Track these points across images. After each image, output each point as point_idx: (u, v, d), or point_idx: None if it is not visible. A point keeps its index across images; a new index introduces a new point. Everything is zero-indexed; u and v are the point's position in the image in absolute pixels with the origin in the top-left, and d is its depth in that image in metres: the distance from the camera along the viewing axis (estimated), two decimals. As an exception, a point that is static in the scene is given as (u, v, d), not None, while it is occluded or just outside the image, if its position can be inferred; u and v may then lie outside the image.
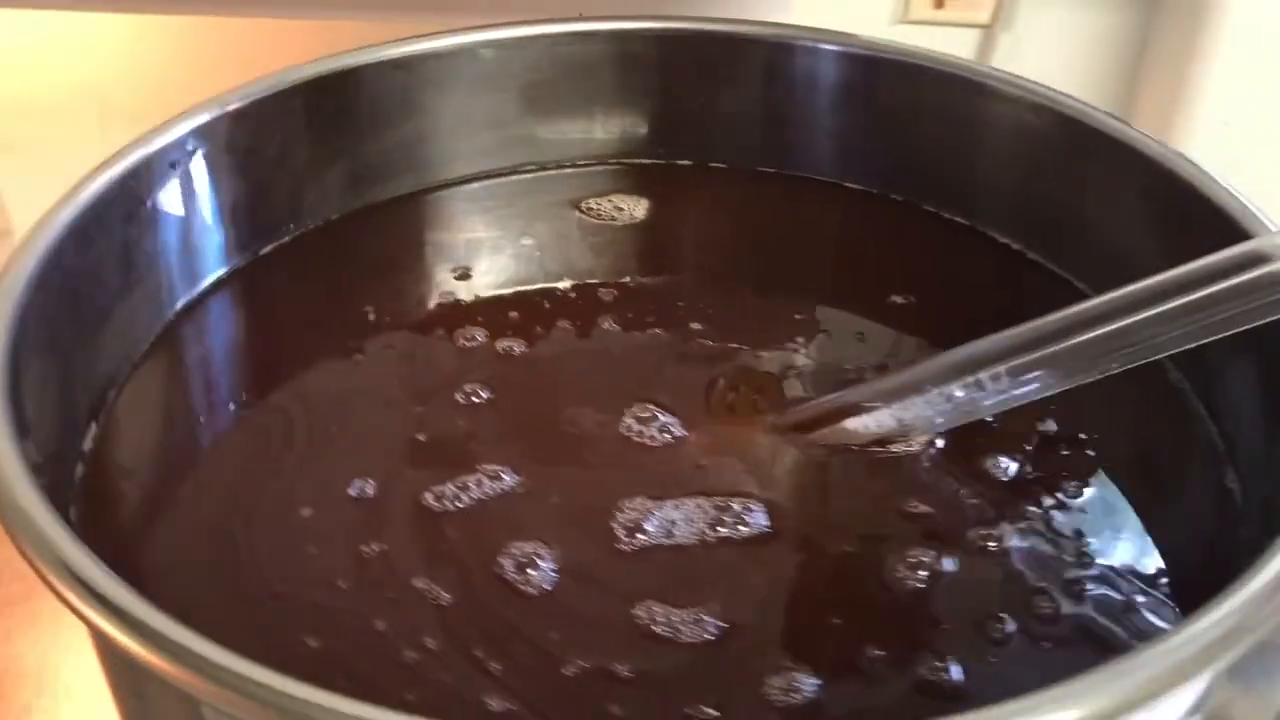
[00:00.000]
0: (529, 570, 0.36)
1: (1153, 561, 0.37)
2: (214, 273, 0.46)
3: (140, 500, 0.39)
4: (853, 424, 0.40)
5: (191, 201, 0.44)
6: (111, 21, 0.75)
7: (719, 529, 0.37)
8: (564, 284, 0.47)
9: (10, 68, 0.78)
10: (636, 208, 0.51)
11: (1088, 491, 0.39)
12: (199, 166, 0.44)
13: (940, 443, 0.40)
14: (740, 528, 0.37)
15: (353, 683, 0.33)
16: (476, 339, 0.44)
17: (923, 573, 0.36)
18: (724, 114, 0.53)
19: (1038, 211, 0.48)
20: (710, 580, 0.36)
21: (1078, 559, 0.37)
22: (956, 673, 0.33)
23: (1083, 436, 0.41)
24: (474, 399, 0.41)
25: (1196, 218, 0.42)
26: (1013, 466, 0.40)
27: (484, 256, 0.49)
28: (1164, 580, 0.37)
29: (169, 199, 0.43)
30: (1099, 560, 0.37)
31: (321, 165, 0.49)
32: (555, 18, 0.51)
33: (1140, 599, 0.36)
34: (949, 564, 0.36)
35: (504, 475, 0.39)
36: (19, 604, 0.57)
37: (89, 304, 0.40)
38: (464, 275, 0.48)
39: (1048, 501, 0.39)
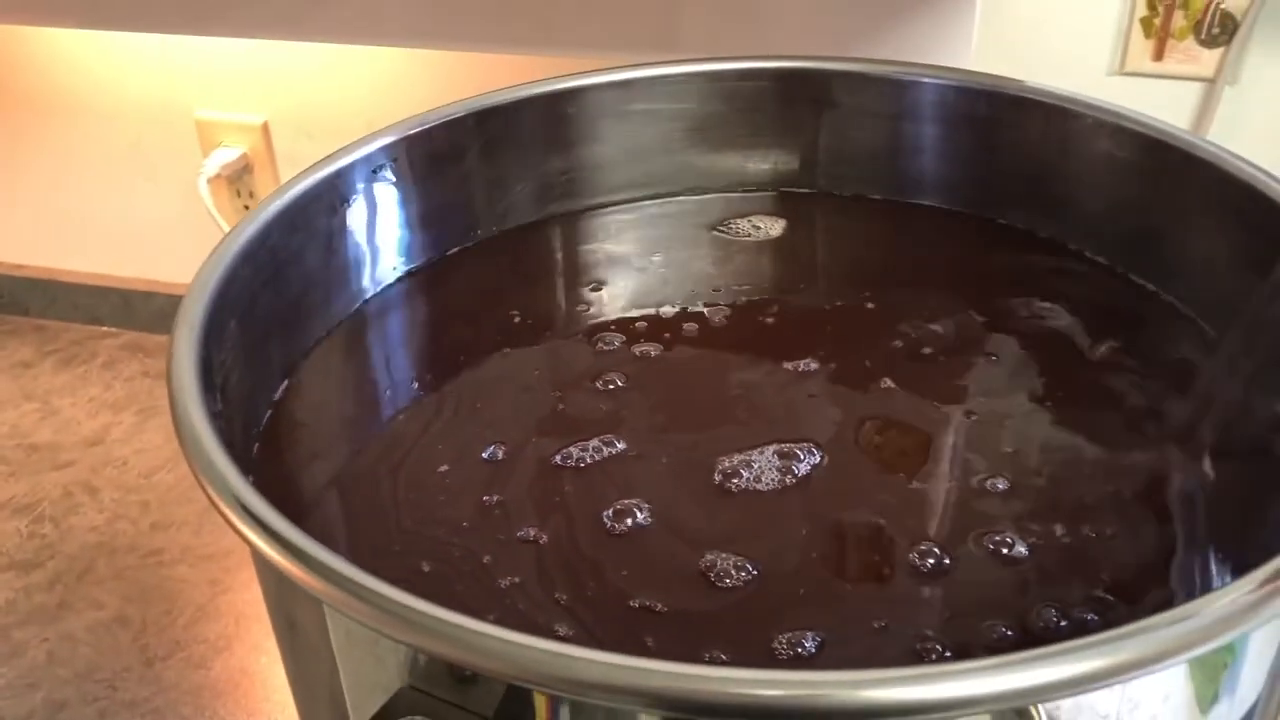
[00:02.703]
0: (626, 519, 0.41)
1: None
2: (399, 269, 0.54)
3: (310, 443, 0.46)
4: None
5: (387, 205, 0.52)
6: (379, 53, 0.86)
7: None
8: (683, 296, 0.53)
9: (292, 92, 0.90)
10: (773, 227, 0.56)
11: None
12: (394, 176, 0.52)
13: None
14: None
15: (446, 600, 0.39)
16: (613, 344, 0.50)
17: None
18: (874, 148, 0.57)
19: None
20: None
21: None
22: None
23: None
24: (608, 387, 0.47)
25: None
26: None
27: (618, 271, 0.55)
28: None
29: (366, 201, 0.51)
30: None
31: (508, 182, 0.56)
32: (725, 56, 0.57)
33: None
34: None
35: (618, 442, 0.44)
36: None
37: (289, 280, 0.48)
38: (597, 287, 0.54)
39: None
